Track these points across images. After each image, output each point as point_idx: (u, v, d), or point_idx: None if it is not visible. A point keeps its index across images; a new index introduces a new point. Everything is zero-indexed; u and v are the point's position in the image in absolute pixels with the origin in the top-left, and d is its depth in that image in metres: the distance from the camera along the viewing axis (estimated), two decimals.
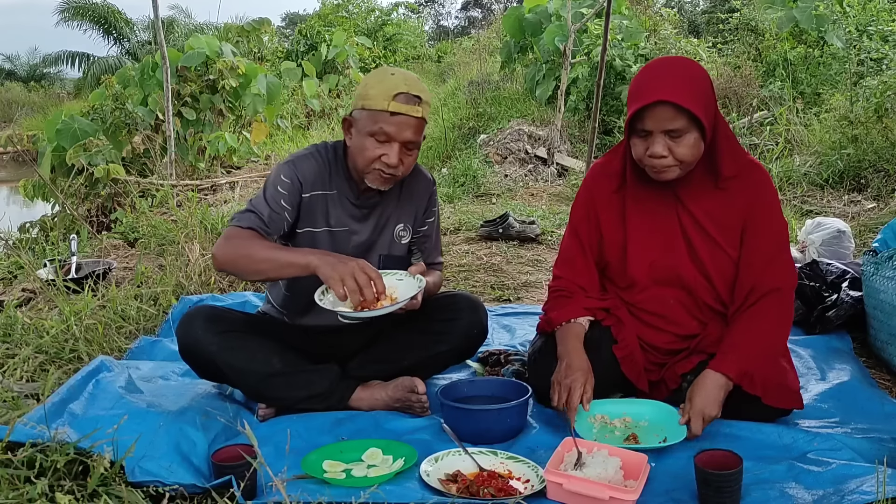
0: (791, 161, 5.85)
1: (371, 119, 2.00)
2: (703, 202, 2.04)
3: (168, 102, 5.79)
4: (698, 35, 14.42)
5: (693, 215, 2.04)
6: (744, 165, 2.04)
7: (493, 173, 7.01)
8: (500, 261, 4.22)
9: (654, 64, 1.99)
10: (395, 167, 2.02)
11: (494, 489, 1.69)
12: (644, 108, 1.88)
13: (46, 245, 4.42)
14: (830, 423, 2.06)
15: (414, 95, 2.00)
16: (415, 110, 1.99)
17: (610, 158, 2.17)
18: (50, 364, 2.52)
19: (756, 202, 2.02)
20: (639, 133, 1.93)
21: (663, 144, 1.89)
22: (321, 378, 2.13)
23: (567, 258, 2.20)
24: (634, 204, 2.10)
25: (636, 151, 1.97)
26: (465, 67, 13.56)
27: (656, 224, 2.08)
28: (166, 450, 1.80)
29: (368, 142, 2.01)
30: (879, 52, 7.06)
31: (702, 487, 1.65)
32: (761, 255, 2.01)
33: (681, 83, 1.88)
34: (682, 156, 1.91)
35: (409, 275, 2.04)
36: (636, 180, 2.08)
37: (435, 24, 36.46)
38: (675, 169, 1.94)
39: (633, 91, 1.94)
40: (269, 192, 2.07)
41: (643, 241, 2.09)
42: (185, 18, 20.96)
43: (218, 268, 2.02)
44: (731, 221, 2.03)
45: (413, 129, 2.01)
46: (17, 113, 17.40)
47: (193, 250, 3.65)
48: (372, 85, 2.01)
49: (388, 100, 1.97)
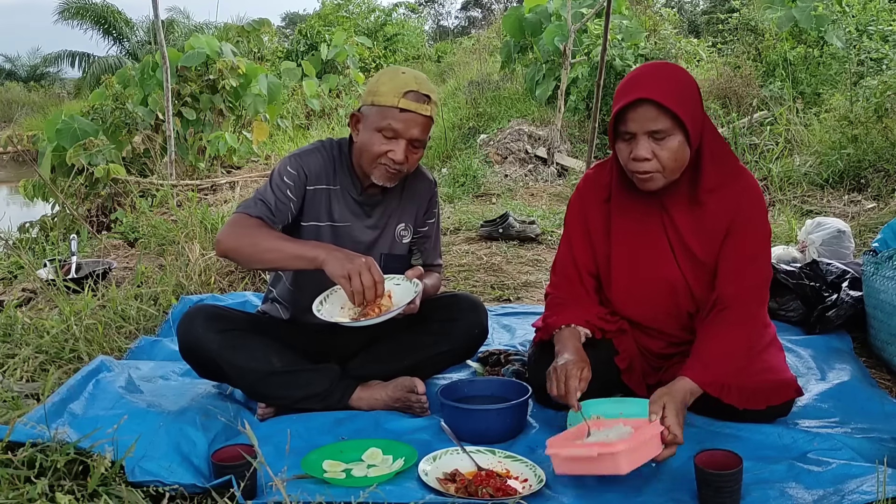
0: (791, 161, 5.85)
1: (380, 115, 2.02)
2: (688, 214, 2.00)
3: (168, 102, 5.79)
4: (698, 35, 14.42)
5: (678, 228, 2.01)
6: (729, 175, 1.98)
7: (493, 173, 7.01)
8: (500, 261, 4.22)
9: (640, 68, 1.95)
10: (400, 164, 2.04)
11: (493, 489, 1.69)
12: (626, 108, 1.84)
13: (46, 245, 4.42)
14: (830, 423, 2.06)
15: (423, 94, 2.02)
16: (423, 108, 2.02)
17: (600, 169, 2.15)
18: (50, 364, 2.52)
19: (739, 211, 1.97)
20: (623, 136, 1.90)
21: (647, 147, 1.85)
22: (321, 378, 2.14)
23: (561, 270, 2.18)
24: (619, 216, 2.06)
25: (621, 156, 1.93)
26: (465, 67, 13.56)
27: (641, 237, 2.05)
28: (166, 450, 1.80)
29: (376, 137, 2.03)
30: (879, 52, 7.06)
31: (702, 487, 1.65)
32: (732, 264, 1.97)
33: (664, 84, 1.84)
34: (665, 160, 1.86)
35: (405, 279, 2.04)
36: (622, 191, 2.05)
37: (435, 24, 36.45)
38: (659, 177, 1.89)
39: (616, 94, 1.90)
40: (275, 183, 2.09)
41: (627, 254, 2.07)
42: (185, 20, 20.96)
43: (221, 253, 2.03)
44: (714, 234, 1.99)
45: (420, 128, 2.04)
46: (17, 113, 17.41)
47: (193, 250, 3.65)
48: (383, 82, 2.04)
49: (398, 97, 2.00)
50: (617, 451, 1.61)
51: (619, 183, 2.05)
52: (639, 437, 1.66)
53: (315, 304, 1.97)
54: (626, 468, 1.63)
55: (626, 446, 1.62)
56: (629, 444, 1.62)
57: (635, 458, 1.65)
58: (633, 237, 2.05)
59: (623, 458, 1.62)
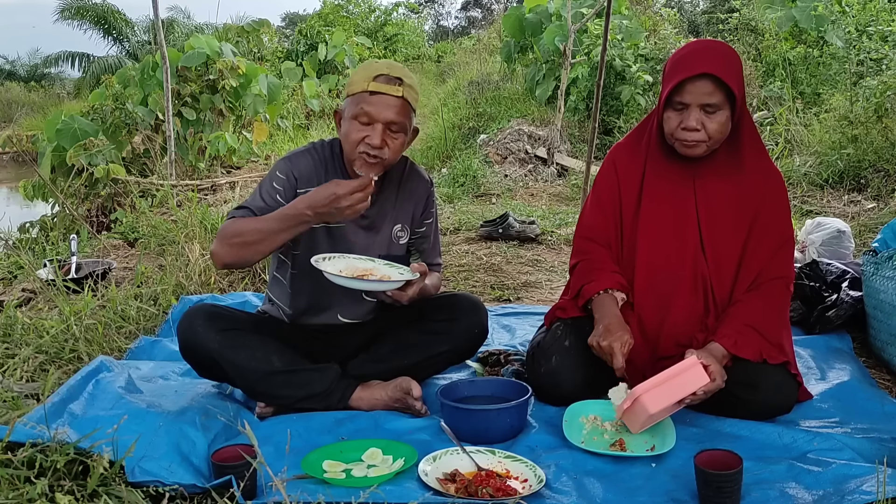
0: (791, 161, 5.85)
1: (353, 102, 2.03)
2: (718, 184, 2.10)
3: (168, 102, 5.79)
4: (698, 35, 14.43)
5: (707, 195, 2.11)
6: (760, 154, 2.13)
7: (493, 173, 7.01)
8: (500, 261, 4.22)
9: (696, 42, 2.08)
10: (378, 148, 2.01)
11: (493, 489, 1.69)
12: (685, 80, 1.95)
13: (46, 245, 4.42)
14: (830, 423, 2.06)
15: (395, 77, 2.03)
16: (394, 90, 2.01)
17: (633, 138, 2.24)
18: (50, 364, 2.52)
19: (769, 195, 2.10)
20: (675, 106, 2.00)
21: (697, 118, 1.97)
22: (321, 377, 2.13)
23: (589, 234, 2.24)
24: (653, 176, 2.15)
25: (669, 125, 2.03)
26: (465, 67, 13.56)
27: (671, 198, 2.14)
28: (166, 450, 1.80)
29: (352, 125, 2.03)
30: (879, 52, 7.05)
31: (702, 487, 1.65)
32: (770, 244, 2.09)
33: (725, 61, 1.97)
34: (712, 131, 1.98)
35: (409, 270, 2.07)
36: (659, 156, 2.14)
37: (435, 24, 36.46)
38: (703, 145, 2.01)
39: (674, 64, 2.01)
40: (264, 188, 2.10)
41: (656, 213, 2.14)
42: (186, 20, 20.96)
43: (220, 265, 2.03)
44: (744, 207, 2.10)
45: (395, 110, 2.02)
46: (17, 113, 17.40)
47: (193, 250, 3.65)
48: (356, 72, 2.08)
49: (367, 81, 2.02)
50: (638, 394, 1.67)
51: (656, 147, 2.15)
52: (663, 375, 1.74)
53: (315, 256, 2.00)
54: (653, 408, 1.76)
55: (646, 387, 1.71)
56: (649, 385, 1.70)
57: (662, 396, 1.77)
58: (663, 197, 2.14)
59: (646, 398, 1.75)
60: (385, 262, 2.11)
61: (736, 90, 1.96)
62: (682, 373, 1.81)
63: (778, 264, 2.09)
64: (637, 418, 1.87)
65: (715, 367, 1.90)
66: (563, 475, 1.80)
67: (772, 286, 2.08)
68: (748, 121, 2.10)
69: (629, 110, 7.90)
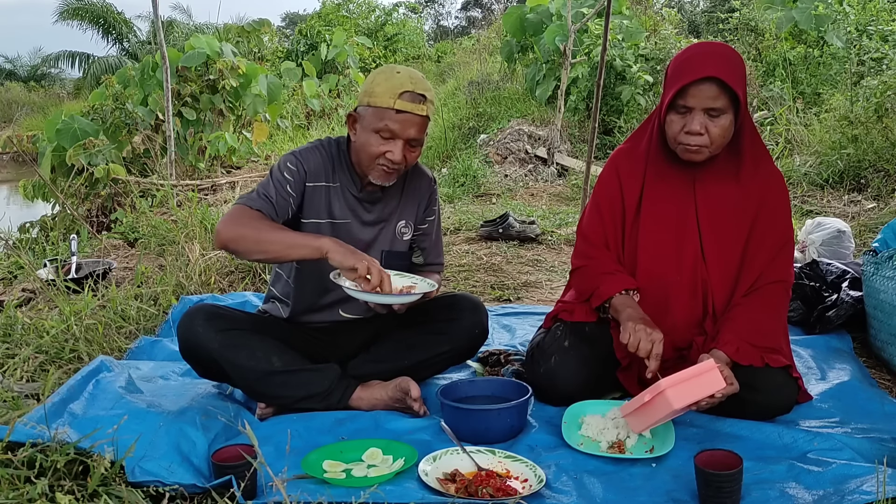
0: (791, 161, 5.85)
1: (376, 116, 2.02)
2: (721, 188, 2.09)
3: (168, 102, 5.79)
4: (698, 35, 14.43)
5: (709, 200, 2.09)
6: (761, 157, 2.11)
7: (493, 173, 7.01)
8: (500, 261, 4.22)
9: (699, 45, 2.06)
10: (398, 163, 2.05)
11: (493, 489, 1.68)
12: (690, 84, 1.93)
13: (46, 245, 4.42)
14: (830, 423, 2.06)
15: (419, 94, 2.02)
16: (420, 108, 2.02)
17: (633, 142, 2.22)
18: (50, 364, 2.52)
19: (769, 198, 2.09)
20: (678, 109, 1.98)
21: (701, 122, 1.95)
22: (321, 377, 2.13)
23: (593, 237, 2.22)
24: (654, 179, 2.14)
25: (672, 129, 2.01)
26: (465, 67, 13.55)
27: (672, 200, 2.13)
28: (166, 450, 1.80)
29: (373, 138, 2.03)
30: (879, 52, 7.05)
31: (702, 487, 1.65)
32: (770, 247, 2.08)
33: (728, 63, 1.95)
34: (715, 136, 1.97)
35: (422, 280, 2.09)
36: (660, 159, 2.13)
37: (435, 24, 36.43)
38: (706, 151, 2.00)
39: (678, 67, 1.99)
40: (275, 178, 2.09)
41: (655, 215, 2.13)
42: (186, 19, 20.97)
43: (221, 244, 2.00)
44: (745, 211, 2.09)
45: (417, 127, 2.04)
46: (17, 113, 17.41)
47: (193, 250, 3.65)
48: (378, 82, 2.03)
49: (393, 98, 2.00)
50: (663, 388, 1.65)
51: (657, 150, 2.13)
52: (685, 373, 1.73)
53: (333, 273, 1.98)
54: (676, 404, 1.73)
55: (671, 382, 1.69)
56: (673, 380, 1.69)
57: (685, 393, 1.74)
58: (664, 200, 2.13)
59: (671, 393, 1.72)
60: (396, 273, 2.09)
61: (740, 94, 1.94)
62: (703, 374, 1.79)
63: (778, 267, 2.09)
64: (651, 414, 1.82)
65: (728, 372, 1.89)
66: (564, 475, 1.80)
67: (771, 290, 2.07)
68: (749, 124, 2.08)
69: (629, 110, 7.90)
